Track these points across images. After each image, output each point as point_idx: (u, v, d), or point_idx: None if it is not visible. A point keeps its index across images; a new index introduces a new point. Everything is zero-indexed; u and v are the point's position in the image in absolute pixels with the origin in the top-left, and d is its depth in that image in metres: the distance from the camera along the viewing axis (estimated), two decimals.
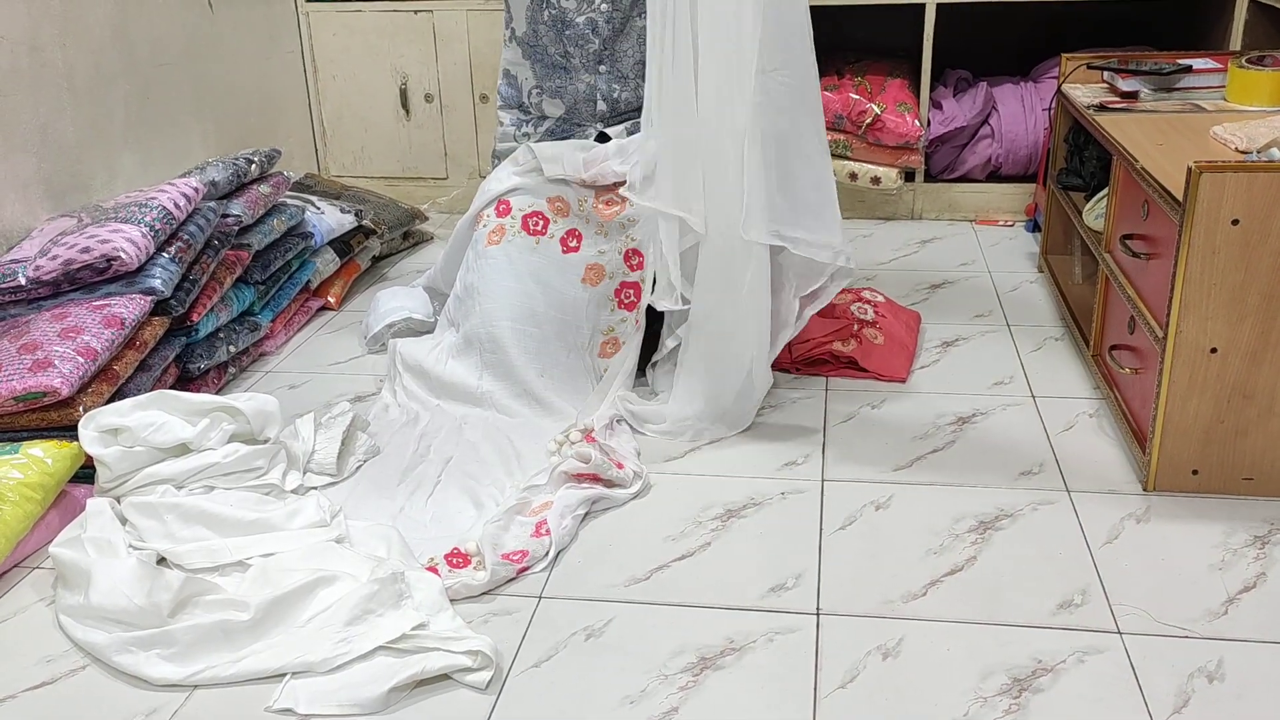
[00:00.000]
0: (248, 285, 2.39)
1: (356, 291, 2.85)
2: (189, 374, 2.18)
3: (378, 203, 3.12)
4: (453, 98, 3.42)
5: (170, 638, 1.43)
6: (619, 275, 2.13)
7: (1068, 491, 1.78)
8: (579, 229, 2.14)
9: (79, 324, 1.93)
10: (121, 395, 1.96)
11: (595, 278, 2.13)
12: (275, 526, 1.68)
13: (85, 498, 1.78)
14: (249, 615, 1.46)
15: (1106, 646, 1.42)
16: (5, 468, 1.70)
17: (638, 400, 2.06)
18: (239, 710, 1.36)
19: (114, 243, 2.03)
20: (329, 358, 2.44)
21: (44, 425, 1.85)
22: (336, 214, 2.80)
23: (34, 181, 2.28)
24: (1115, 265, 2.01)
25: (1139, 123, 2.16)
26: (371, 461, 1.95)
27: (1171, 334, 1.67)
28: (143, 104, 2.66)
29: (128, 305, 2.00)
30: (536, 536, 1.67)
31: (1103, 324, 2.12)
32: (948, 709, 1.32)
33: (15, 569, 1.68)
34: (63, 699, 1.40)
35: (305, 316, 2.63)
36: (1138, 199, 1.90)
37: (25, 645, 1.51)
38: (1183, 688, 1.34)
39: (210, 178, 2.34)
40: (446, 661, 1.40)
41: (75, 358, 1.85)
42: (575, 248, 2.14)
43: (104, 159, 2.51)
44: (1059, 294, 2.53)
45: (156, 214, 2.12)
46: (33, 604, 1.60)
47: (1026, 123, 3.15)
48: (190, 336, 2.17)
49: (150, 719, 1.36)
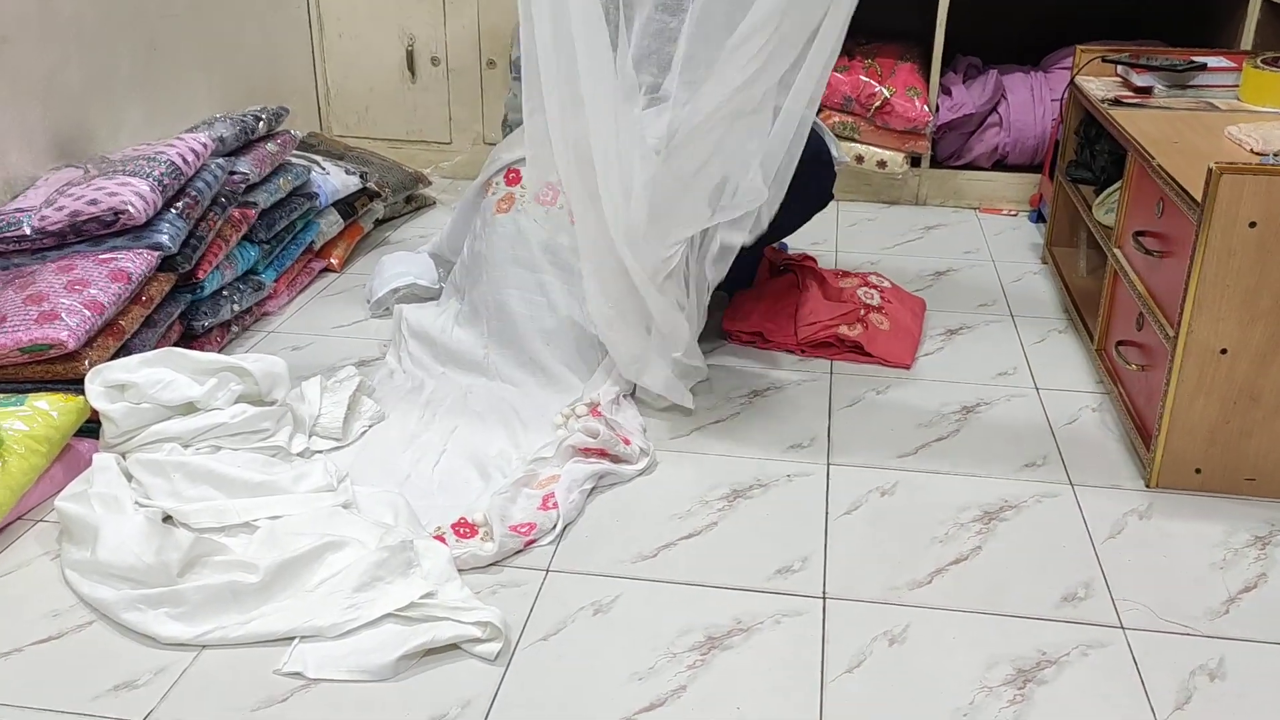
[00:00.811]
0: (252, 244, 2.37)
1: (359, 254, 2.83)
2: (193, 331, 2.17)
3: (381, 165, 3.10)
4: (460, 62, 3.39)
5: (179, 597, 1.43)
6: None
7: (1071, 485, 1.79)
8: None
9: (85, 277, 1.91)
10: (127, 351, 1.95)
11: None
12: (282, 489, 1.68)
13: (90, 452, 1.77)
14: (258, 578, 1.46)
15: (1109, 641, 1.44)
16: (10, 419, 1.68)
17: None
18: (247, 672, 1.37)
19: (122, 196, 2.01)
20: (332, 320, 2.43)
21: (49, 378, 1.84)
22: (342, 175, 2.77)
23: (39, 130, 2.24)
24: (1125, 261, 2.02)
25: (1153, 119, 2.16)
26: (376, 428, 1.94)
27: (1183, 333, 1.68)
28: (149, 56, 2.62)
29: (134, 260, 1.98)
30: (544, 509, 1.67)
31: (1109, 319, 2.13)
32: (954, 697, 1.34)
33: (19, 521, 1.67)
34: (70, 654, 1.40)
35: (308, 278, 2.61)
36: (1152, 196, 1.91)
37: (31, 599, 1.50)
38: (1185, 684, 1.36)
39: (218, 133, 2.31)
40: (456, 631, 1.40)
41: (82, 311, 1.84)
42: None
43: (109, 110, 2.47)
44: (1063, 286, 2.54)
45: (165, 168, 2.10)
46: (37, 557, 1.59)
47: (1035, 112, 3.15)
48: (196, 294, 2.15)
49: (159, 677, 1.35)
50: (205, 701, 1.32)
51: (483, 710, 1.31)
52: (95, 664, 1.38)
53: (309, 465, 1.75)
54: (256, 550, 1.55)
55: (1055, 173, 2.76)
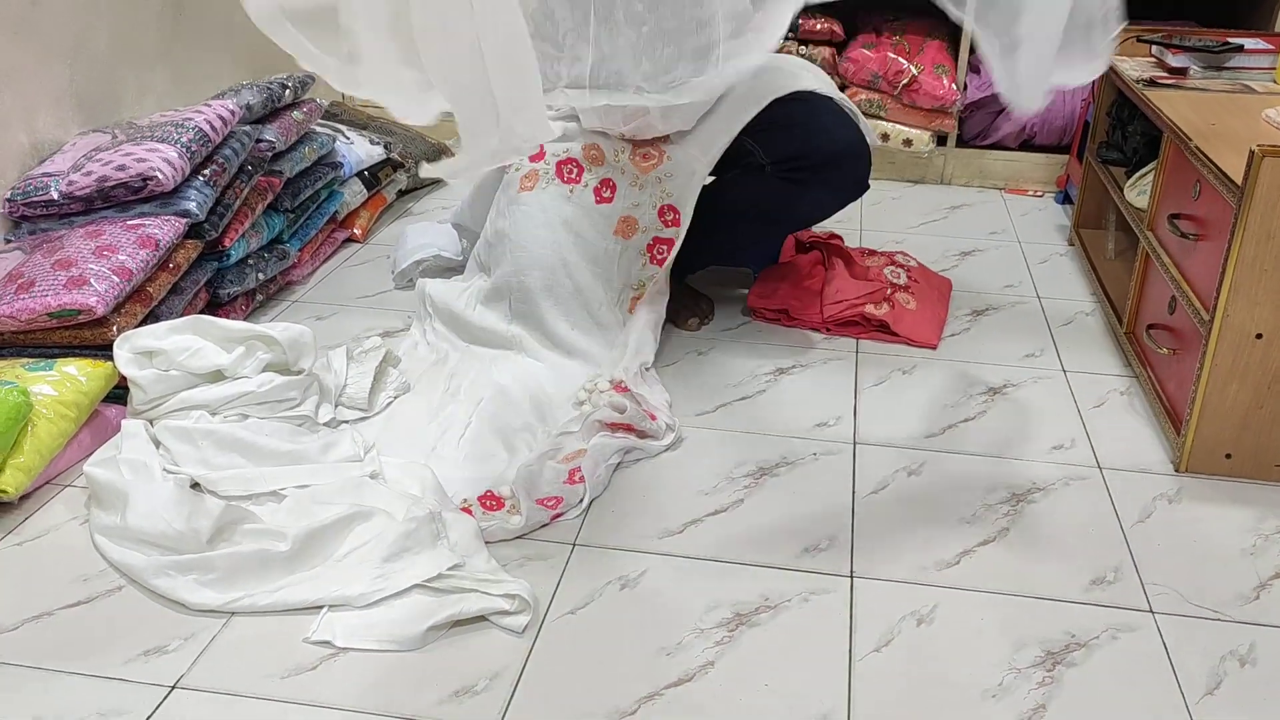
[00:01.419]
0: (278, 213, 2.36)
1: (382, 225, 2.82)
2: (219, 299, 2.17)
3: (404, 135, 3.08)
4: None
5: (209, 563, 1.43)
6: (652, 230, 2.11)
7: (1099, 468, 1.78)
8: (613, 179, 2.12)
9: (114, 243, 1.91)
10: (154, 317, 1.95)
11: (628, 230, 2.11)
12: (310, 459, 1.68)
13: (118, 418, 1.78)
14: (286, 546, 1.46)
15: (1139, 625, 1.43)
16: (39, 384, 1.69)
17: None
18: (277, 639, 1.37)
19: (150, 162, 2.00)
20: (355, 290, 2.43)
21: (77, 343, 1.84)
22: (366, 145, 2.76)
23: (66, 94, 2.24)
24: (1158, 244, 2.00)
25: (1189, 100, 2.14)
26: (401, 399, 1.94)
27: (1218, 317, 1.67)
28: (176, 20, 2.61)
29: (162, 226, 1.98)
30: (570, 483, 1.67)
31: (1139, 302, 2.11)
32: (982, 678, 1.34)
33: (48, 485, 1.67)
34: (100, 618, 1.40)
35: (331, 248, 2.61)
36: (1189, 179, 1.89)
37: (60, 563, 1.51)
38: (1215, 669, 1.36)
39: (245, 101, 2.30)
40: (484, 604, 1.40)
41: (111, 277, 1.83)
42: (609, 198, 2.12)
43: (136, 74, 2.46)
44: (1090, 269, 2.52)
45: (193, 135, 2.09)
46: (66, 521, 1.59)
47: (1064, 93, 3.11)
48: (222, 262, 2.15)
49: (189, 642, 1.36)
50: (235, 668, 1.32)
51: (510, 683, 1.31)
52: (125, 629, 1.39)
53: (336, 435, 1.75)
54: (284, 519, 1.55)
55: (1084, 154, 2.73)
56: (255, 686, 1.30)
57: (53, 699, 1.27)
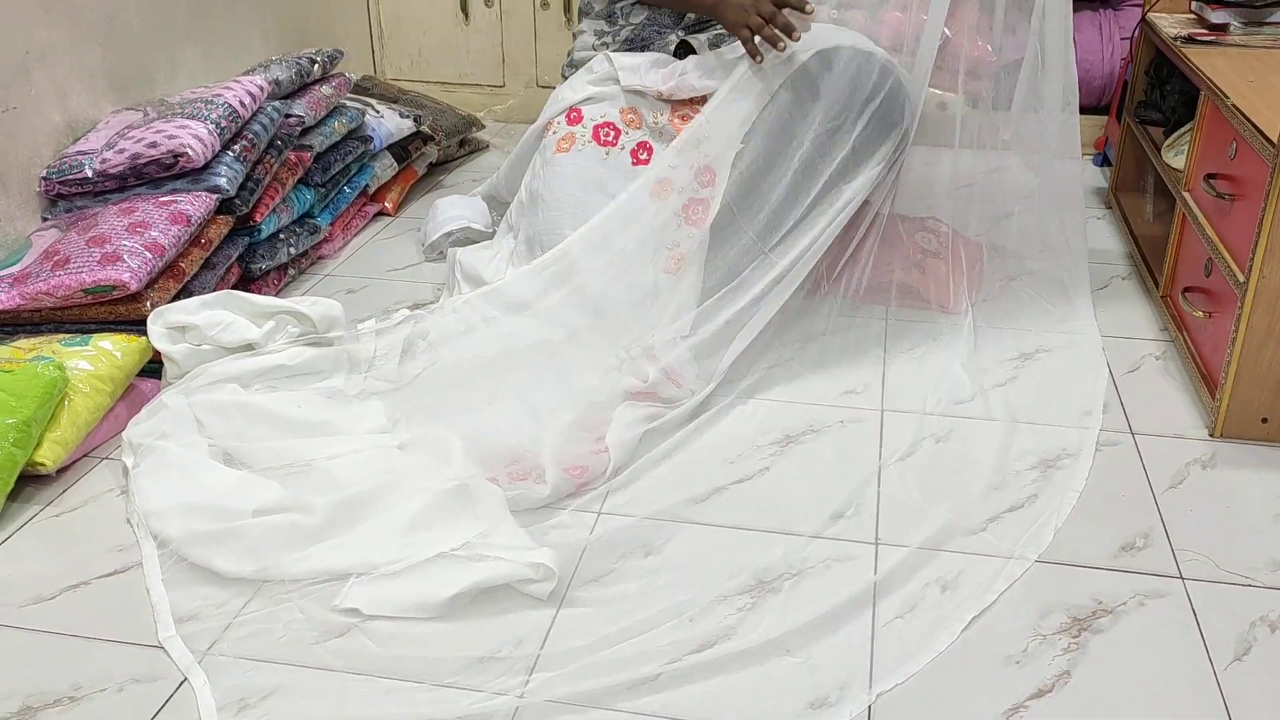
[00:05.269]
0: (308, 187, 2.38)
1: (413, 198, 2.84)
2: (250, 274, 2.19)
3: (435, 108, 3.09)
4: (513, 3, 3.36)
5: (240, 532, 1.46)
6: (688, 191, 2.10)
7: (1132, 434, 1.76)
8: (650, 142, 2.11)
9: (146, 219, 1.94)
10: (187, 293, 1.97)
11: (663, 191, 2.10)
12: (340, 430, 1.70)
13: (152, 392, 1.81)
14: (316, 519, 1.48)
15: (1168, 591, 1.42)
16: (75, 359, 1.72)
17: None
18: (305, 608, 1.39)
19: (181, 139, 2.02)
20: (386, 263, 2.44)
21: (112, 318, 1.87)
22: (395, 119, 2.77)
23: (99, 72, 2.26)
24: (1195, 205, 1.96)
25: (1228, 57, 2.09)
26: (429, 370, 1.95)
27: (1254, 279, 1.64)
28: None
29: (194, 202, 2.00)
30: (597, 453, 1.67)
31: (1175, 265, 2.07)
32: (1007, 644, 1.33)
33: (84, 459, 1.71)
34: (135, 588, 1.43)
35: (362, 221, 2.63)
36: (1225, 137, 1.85)
37: (97, 533, 1.54)
38: (1244, 635, 1.34)
39: (274, 76, 2.32)
40: (509, 571, 1.42)
41: (143, 253, 1.86)
42: (645, 160, 2.11)
43: (167, 51, 2.49)
44: (1128, 231, 2.48)
45: (222, 111, 2.11)
46: (103, 493, 1.63)
47: (1103, 52, 3.05)
48: (253, 237, 2.18)
49: (220, 611, 1.39)
50: (266, 636, 1.35)
51: (535, 649, 1.33)
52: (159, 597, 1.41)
53: (366, 406, 1.77)
54: (313, 488, 1.57)
55: (1122, 114, 2.68)
56: (284, 654, 1.32)
57: (90, 666, 1.31)
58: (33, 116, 2.08)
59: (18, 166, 2.05)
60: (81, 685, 1.28)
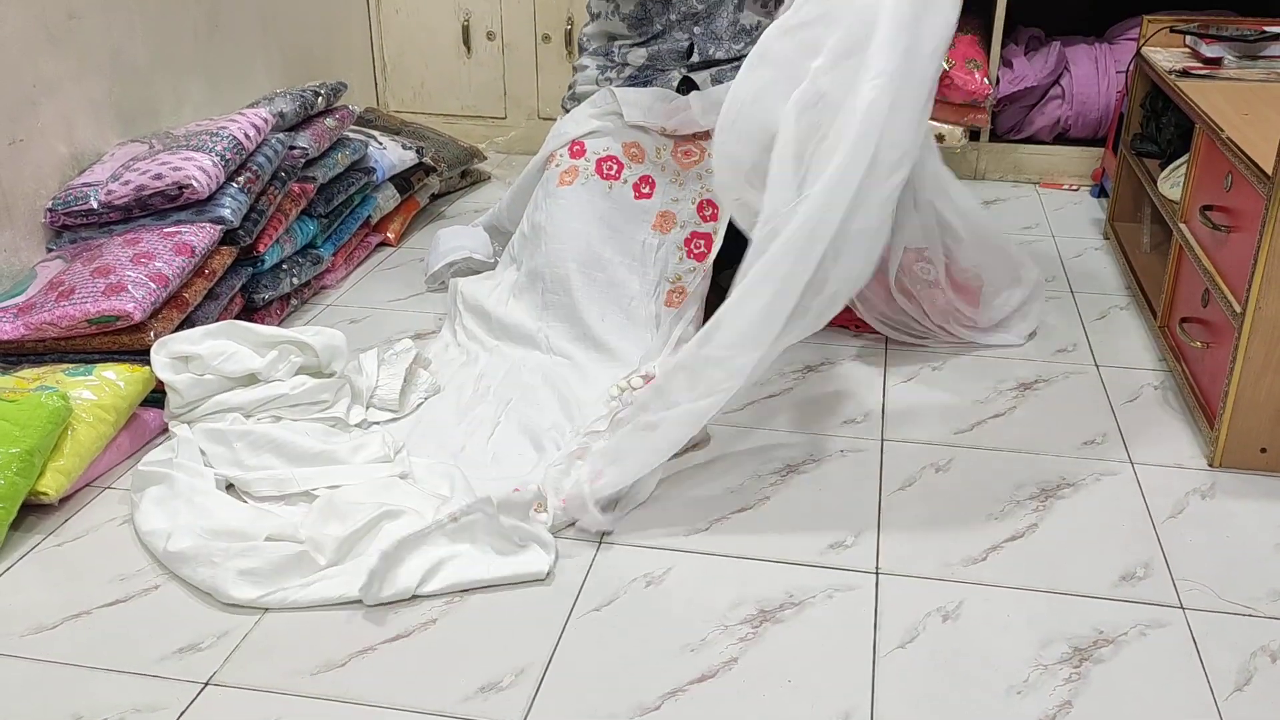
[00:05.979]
0: (311, 218, 2.40)
1: (415, 229, 2.85)
2: (254, 304, 2.21)
3: (437, 140, 3.11)
4: (515, 37, 3.39)
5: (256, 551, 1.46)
6: (690, 224, 2.12)
7: (1131, 463, 1.77)
8: (653, 176, 2.13)
9: (151, 250, 1.95)
10: (190, 323, 1.98)
11: (666, 225, 2.12)
12: (341, 459, 1.71)
13: (155, 422, 1.81)
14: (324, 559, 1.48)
15: (1169, 620, 1.42)
16: (79, 388, 1.73)
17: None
18: (308, 636, 1.39)
19: (186, 170, 2.04)
20: (388, 294, 2.46)
21: (116, 348, 1.88)
22: (398, 150, 2.80)
23: (105, 104, 2.29)
24: (1191, 236, 1.98)
25: (1223, 90, 2.11)
26: (431, 400, 1.96)
27: (1250, 309, 1.65)
28: (211, 31, 2.66)
29: (198, 233, 2.02)
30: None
31: (1173, 296, 2.09)
32: (1008, 674, 1.33)
33: (87, 488, 1.71)
34: (136, 617, 1.43)
35: (365, 252, 2.64)
36: (1221, 170, 1.86)
37: (98, 562, 1.54)
38: (1245, 665, 1.34)
39: (279, 109, 2.34)
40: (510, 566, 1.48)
41: (147, 283, 1.87)
42: (648, 194, 2.13)
43: (172, 84, 2.51)
44: (1125, 262, 2.49)
45: (227, 143, 2.13)
46: (104, 523, 1.63)
47: (1099, 85, 3.08)
48: (256, 267, 2.19)
49: (222, 640, 1.39)
50: (267, 664, 1.35)
51: (535, 679, 1.33)
52: (161, 627, 1.42)
53: (367, 436, 1.77)
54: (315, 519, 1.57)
55: (1119, 146, 2.70)
56: (286, 683, 1.32)
57: (91, 696, 1.30)
58: (39, 148, 2.10)
59: (24, 198, 2.07)
60: (83, 715, 1.28)
